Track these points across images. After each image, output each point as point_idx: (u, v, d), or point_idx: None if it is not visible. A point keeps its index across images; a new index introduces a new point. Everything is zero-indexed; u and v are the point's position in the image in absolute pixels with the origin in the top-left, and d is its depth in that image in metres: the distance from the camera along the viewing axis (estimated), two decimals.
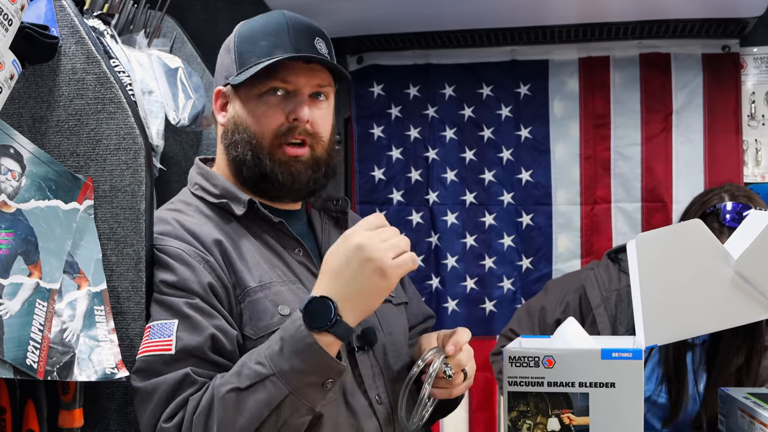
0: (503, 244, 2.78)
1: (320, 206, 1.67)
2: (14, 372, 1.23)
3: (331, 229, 1.65)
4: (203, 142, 2.25)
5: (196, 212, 1.53)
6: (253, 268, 1.47)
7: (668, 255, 1.63)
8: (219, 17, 2.83)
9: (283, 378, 1.28)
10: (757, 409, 1.65)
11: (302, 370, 1.28)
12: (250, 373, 1.29)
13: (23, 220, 1.33)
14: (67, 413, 1.37)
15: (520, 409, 1.60)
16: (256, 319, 1.43)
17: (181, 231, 1.47)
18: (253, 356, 1.32)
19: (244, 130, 1.52)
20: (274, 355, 1.29)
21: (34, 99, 1.50)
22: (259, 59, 1.50)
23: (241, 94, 1.53)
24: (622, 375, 1.56)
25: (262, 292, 1.45)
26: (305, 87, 1.52)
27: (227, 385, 1.29)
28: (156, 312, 1.40)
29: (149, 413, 1.33)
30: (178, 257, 1.43)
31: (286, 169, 1.51)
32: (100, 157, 1.48)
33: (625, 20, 2.56)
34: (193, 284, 1.40)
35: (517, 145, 2.78)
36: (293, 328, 1.30)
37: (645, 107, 2.70)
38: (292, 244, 1.55)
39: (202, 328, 1.36)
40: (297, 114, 1.50)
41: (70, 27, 1.50)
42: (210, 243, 1.46)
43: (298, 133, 1.51)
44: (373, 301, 1.34)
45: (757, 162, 2.64)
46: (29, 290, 1.29)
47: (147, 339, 1.37)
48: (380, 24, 2.62)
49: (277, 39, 1.51)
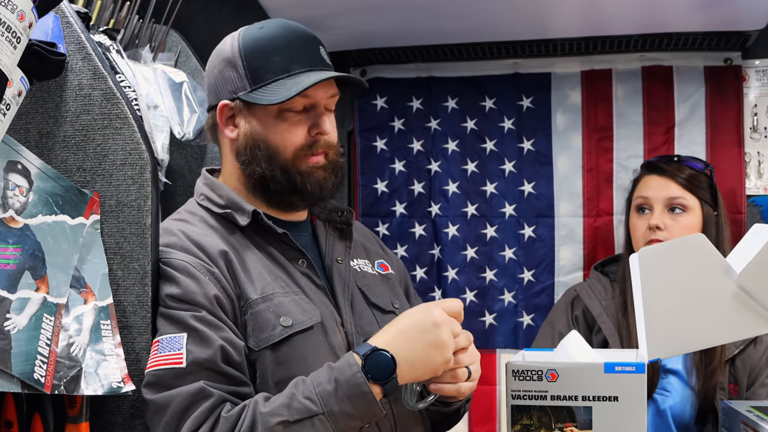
0: (504, 256, 2.76)
1: (325, 217, 1.69)
2: (22, 386, 1.24)
3: (336, 240, 1.67)
4: (207, 155, 2.26)
5: (201, 222, 1.56)
6: (255, 280, 1.49)
7: (670, 269, 1.62)
8: (223, 30, 2.84)
9: (332, 419, 1.32)
10: (759, 422, 1.65)
11: (351, 414, 1.33)
12: (300, 407, 1.32)
13: (30, 236, 1.34)
14: (74, 427, 1.39)
15: (523, 423, 1.60)
16: (258, 330, 1.45)
17: (187, 242, 1.49)
18: (300, 389, 1.35)
19: (266, 147, 1.55)
20: (326, 395, 1.33)
21: (41, 114, 1.52)
22: (276, 75, 1.53)
23: (258, 109, 1.55)
24: (625, 389, 1.56)
25: (264, 303, 1.47)
26: (323, 100, 1.57)
27: (277, 417, 1.31)
28: (163, 326, 1.42)
29: (163, 426, 1.34)
30: (183, 270, 1.45)
31: (313, 179, 1.56)
32: (107, 172, 1.49)
33: (627, 33, 2.55)
34: (198, 297, 1.42)
35: (519, 157, 2.76)
36: (349, 373, 1.34)
37: (647, 120, 2.69)
38: (296, 255, 1.57)
39: (211, 341, 1.38)
40: (320, 128, 1.56)
41: (77, 43, 1.51)
42: (215, 254, 1.48)
43: (319, 146, 1.56)
44: (422, 375, 1.41)
45: (760, 174, 2.63)
46: (36, 305, 1.30)
47: (156, 353, 1.39)
48: (383, 37, 2.61)
49: (290, 53, 1.54)
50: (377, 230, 2.78)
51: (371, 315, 1.62)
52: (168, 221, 1.59)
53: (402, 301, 1.73)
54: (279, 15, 2.47)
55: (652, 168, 2.30)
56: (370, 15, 2.38)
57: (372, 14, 2.37)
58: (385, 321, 1.54)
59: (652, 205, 2.24)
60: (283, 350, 1.45)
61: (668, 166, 2.27)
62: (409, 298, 1.79)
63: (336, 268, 1.62)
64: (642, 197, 2.27)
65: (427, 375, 1.42)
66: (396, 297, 1.72)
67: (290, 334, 1.45)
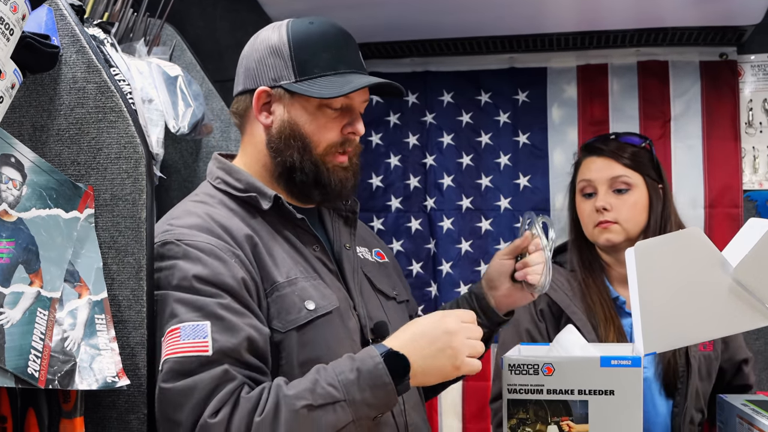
0: (499, 250, 2.76)
1: (330, 206, 1.71)
2: (15, 381, 1.23)
3: (341, 227, 1.71)
4: (203, 149, 2.26)
5: (221, 205, 1.57)
6: (280, 264, 1.52)
7: (666, 263, 1.63)
8: (218, 25, 2.84)
9: (352, 406, 1.36)
10: (755, 416, 1.67)
11: (370, 403, 1.38)
12: (324, 393, 1.36)
13: (24, 229, 1.33)
14: (68, 422, 1.37)
15: (519, 417, 1.61)
16: (285, 313, 1.48)
17: (212, 224, 1.50)
18: (323, 376, 1.38)
19: (300, 137, 1.58)
20: (348, 383, 1.37)
21: (35, 108, 1.50)
22: (323, 71, 1.56)
23: (299, 100, 1.58)
24: (622, 382, 1.57)
25: (290, 287, 1.50)
26: (358, 103, 1.62)
27: (302, 401, 1.35)
28: (183, 312, 1.40)
29: (189, 411, 1.34)
30: (210, 252, 1.45)
31: (337, 176, 1.59)
32: (101, 165, 1.48)
33: (623, 28, 2.57)
34: (227, 278, 1.43)
35: (515, 150, 2.78)
36: (371, 364, 1.39)
37: (643, 114, 2.71)
38: (311, 240, 1.60)
39: (238, 329, 1.39)
40: (354, 128, 1.60)
41: (71, 36, 1.50)
42: (241, 238, 1.50)
43: (349, 145, 1.60)
44: (433, 380, 1.47)
45: (755, 169, 2.64)
46: (30, 299, 1.29)
47: (178, 340, 1.37)
48: (379, 32, 2.62)
49: (339, 53, 1.58)
50: (372, 225, 2.79)
51: (377, 300, 1.66)
52: (189, 203, 1.59)
53: (399, 288, 1.77)
54: (274, 9, 2.48)
55: (592, 150, 2.25)
56: (366, 9, 2.39)
57: (367, 8, 2.38)
58: (388, 306, 1.65)
59: (596, 187, 2.19)
60: (307, 333, 1.48)
61: (607, 146, 2.22)
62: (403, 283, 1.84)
63: (345, 253, 1.66)
64: (585, 180, 2.22)
65: (438, 380, 1.47)
66: (394, 284, 1.76)
67: (313, 318, 1.49)
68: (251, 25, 2.78)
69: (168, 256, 1.46)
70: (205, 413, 1.33)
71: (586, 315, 2.12)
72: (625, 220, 2.14)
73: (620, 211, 2.14)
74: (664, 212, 2.18)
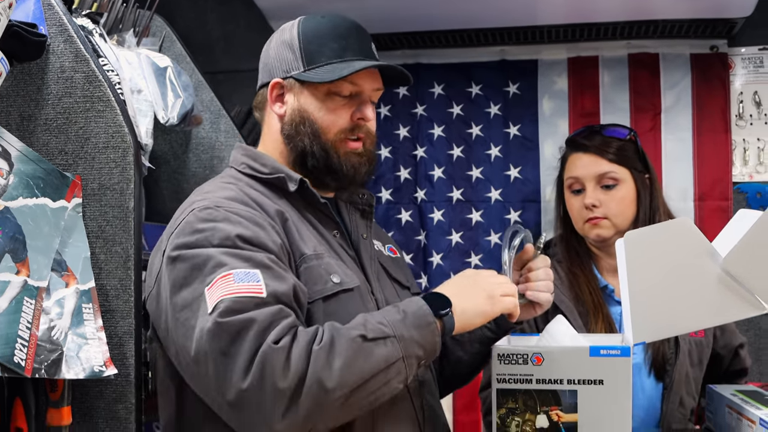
0: (490, 241, 2.77)
1: (347, 198, 1.76)
2: (2, 369, 1.23)
3: (358, 219, 1.76)
4: (192, 140, 2.25)
5: (248, 187, 1.61)
6: (306, 240, 1.58)
7: (656, 253, 1.63)
8: (208, 17, 2.84)
9: (401, 342, 1.41)
10: (744, 405, 1.67)
11: (417, 341, 1.43)
12: (375, 328, 1.41)
13: (11, 218, 1.34)
14: (56, 411, 1.38)
15: (508, 407, 1.62)
16: (312, 283, 1.52)
17: (246, 198, 1.55)
18: (371, 318, 1.44)
19: (311, 124, 1.64)
20: (396, 322, 1.42)
21: (22, 97, 1.50)
22: (329, 59, 1.63)
23: (308, 89, 1.65)
24: (611, 372, 1.58)
25: (317, 260, 1.56)
26: (368, 90, 1.66)
27: (357, 331, 1.39)
28: (232, 261, 1.39)
29: (250, 340, 1.32)
30: (250, 218, 1.48)
31: (349, 162, 1.65)
32: (89, 155, 1.49)
33: (613, 20, 2.57)
34: (268, 242, 1.47)
35: (505, 142, 2.77)
36: (415, 306, 1.46)
37: (634, 106, 2.71)
38: (332, 225, 1.67)
39: (286, 278, 1.43)
40: (363, 114, 1.65)
41: (59, 25, 1.50)
42: (273, 212, 1.56)
43: (359, 131, 1.65)
44: (475, 321, 1.53)
45: (745, 161, 2.64)
46: (17, 288, 1.30)
47: (231, 283, 1.36)
48: (370, 24, 2.54)
49: (347, 42, 1.65)
50: None
51: (393, 288, 1.72)
52: (218, 182, 1.62)
53: (412, 281, 1.85)
54: (265, 1, 2.47)
55: (577, 146, 2.26)
56: (358, 1, 2.36)
57: (359, 1, 2.36)
58: (404, 295, 1.71)
59: (584, 184, 2.21)
60: (332, 304, 1.53)
61: (592, 142, 2.23)
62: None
63: (362, 242, 1.71)
64: (572, 177, 2.24)
65: (478, 318, 1.53)
66: (408, 277, 1.84)
67: (338, 291, 1.54)
68: (242, 17, 2.80)
69: (208, 219, 1.45)
70: (268, 339, 1.33)
71: (574, 303, 2.14)
72: (614, 215, 2.16)
73: (609, 207, 2.17)
74: (652, 203, 2.20)
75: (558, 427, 1.59)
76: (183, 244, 1.42)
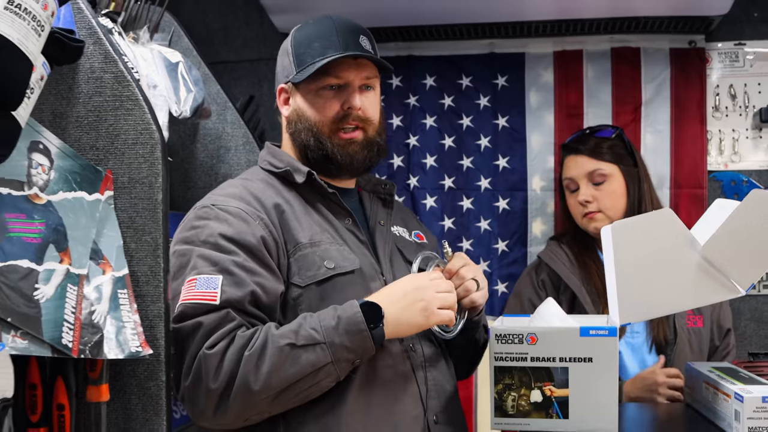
0: (480, 227, 2.87)
1: (371, 189, 1.92)
2: (52, 350, 1.33)
3: (379, 207, 1.90)
4: (200, 131, 2.34)
5: (261, 181, 1.78)
6: (305, 229, 1.71)
7: (641, 241, 1.73)
8: (207, 8, 2.91)
9: (331, 347, 1.54)
10: (720, 381, 1.77)
11: (347, 347, 1.56)
12: (306, 335, 1.54)
13: (53, 211, 1.43)
14: (95, 388, 1.47)
15: (505, 382, 1.73)
16: (305, 269, 1.67)
17: (246, 194, 1.72)
18: (308, 321, 1.56)
19: (306, 120, 1.79)
20: (329, 329, 1.55)
21: (54, 96, 1.58)
22: (313, 59, 1.77)
23: (301, 90, 1.80)
24: (599, 351, 1.69)
25: (312, 248, 1.69)
26: (355, 80, 1.78)
27: (286, 339, 1.53)
28: (202, 266, 1.60)
29: (194, 344, 1.54)
30: (237, 215, 1.66)
31: (344, 151, 1.78)
32: (119, 151, 1.57)
33: (597, 17, 2.63)
34: (247, 236, 1.63)
35: (494, 133, 2.86)
36: (351, 312, 1.57)
37: (616, 99, 2.79)
38: (343, 213, 1.80)
39: (245, 284, 1.58)
40: (350, 103, 1.77)
41: (88, 28, 1.58)
42: (269, 206, 1.70)
43: (352, 119, 1.78)
44: (407, 330, 1.65)
45: (721, 151, 2.75)
46: (61, 275, 1.39)
47: (193, 289, 1.57)
48: (366, 18, 2.58)
49: (328, 41, 1.77)
50: None
51: (407, 270, 1.81)
52: (235, 180, 1.83)
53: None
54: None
55: (569, 149, 2.51)
56: None
57: None
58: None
59: (578, 183, 2.45)
60: (326, 288, 1.67)
61: (581, 145, 2.46)
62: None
63: (378, 229, 1.85)
64: (568, 178, 2.49)
65: (411, 330, 1.65)
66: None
67: (332, 275, 1.67)
68: (240, 9, 2.88)
69: (202, 217, 1.67)
70: (205, 345, 1.52)
71: (583, 283, 2.31)
72: (607, 208, 2.38)
73: (601, 201, 2.39)
74: (639, 193, 2.37)
75: (551, 401, 1.70)
76: (180, 239, 1.67)
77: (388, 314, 1.59)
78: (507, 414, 1.72)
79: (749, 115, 2.75)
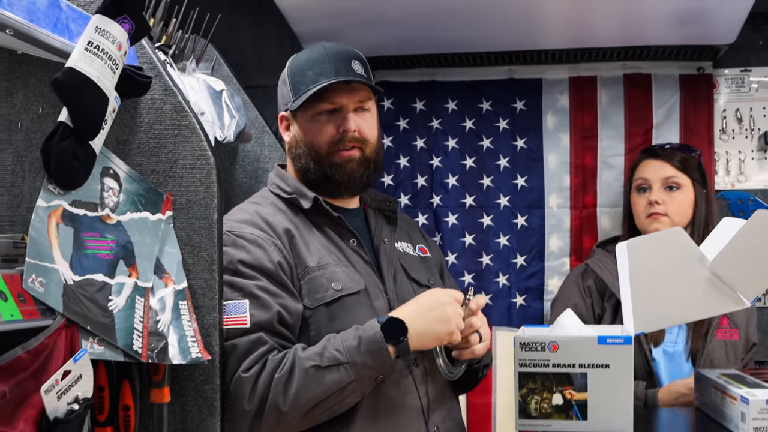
0: (499, 243, 2.95)
1: (375, 206, 1.98)
2: (124, 355, 1.45)
3: (384, 225, 1.95)
4: (239, 154, 2.47)
5: (271, 205, 1.85)
6: (313, 253, 1.78)
7: (654, 257, 1.83)
8: (242, 36, 3.03)
9: (354, 367, 1.62)
10: (728, 386, 1.86)
11: (369, 365, 1.63)
12: (330, 356, 1.62)
13: (122, 230, 1.55)
14: (158, 391, 1.58)
15: (529, 387, 1.82)
16: (314, 292, 1.75)
17: (258, 219, 1.79)
18: (332, 343, 1.64)
19: (304, 145, 1.86)
20: (351, 349, 1.63)
21: (118, 124, 1.68)
22: (307, 87, 1.82)
23: (299, 116, 1.87)
24: (615, 357, 1.78)
25: (320, 271, 1.76)
26: (349, 104, 1.84)
27: (311, 361, 1.61)
28: (228, 292, 1.69)
29: (231, 365, 1.64)
30: (253, 241, 1.73)
31: (342, 170, 1.84)
32: (177, 175, 1.68)
33: (611, 45, 2.74)
34: (265, 262, 1.71)
35: (513, 154, 2.94)
36: (371, 332, 1.64)
37: (628, 122, 2.90)
38: (348, 235, 1.86)
39: (270, 306, 1.68)
40: (345, 126, 1.83)
41: (149, 63, 1.70)
42: (281, 231, 1.77)
43: (348, 140, 1.83)
44: (431, 342, 1.72)
45: (728, 171, 2.83)
46: (130, 288, 1.51)
47: (224, 314, 1.66)
48: (392, 46, 2.75)
49: (320, 68, 1.83)
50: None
51: (410, 286, 1.90)
52: (245, 203, 1.89)
53: (436, 279, 2.01)
54: (299, 26, 2.63)
55: (650, 153, 2.60)
56: (381, 27, 2.56)
57: (382, 26, 2.56)
58: (420, 293, 1.81)
59: (651, 184, 2.54)
60: (334, 309, 1.75)
61: (663, 152, 2.57)
62: (443, 279, 2.07)
63: (383, 247, 1.91)
64: (642, 178, 2.57)
65: (434, 343, 1.72)
66: (432, 275, 2.00)
67: (340, 296, 1.75)
68: (273, 36, 3.01)
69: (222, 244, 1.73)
70: (240, 368, 1.63)
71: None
72: (673, 214, 2.47)
73: (669, 206, 2.49)
74: (708, 214, 2.49)
75: (571, 404, 1.80)
76: None
77: (412, 327, 1.65)
78: (530, 416, 1.82)
79: (755, 137, 2.85)
